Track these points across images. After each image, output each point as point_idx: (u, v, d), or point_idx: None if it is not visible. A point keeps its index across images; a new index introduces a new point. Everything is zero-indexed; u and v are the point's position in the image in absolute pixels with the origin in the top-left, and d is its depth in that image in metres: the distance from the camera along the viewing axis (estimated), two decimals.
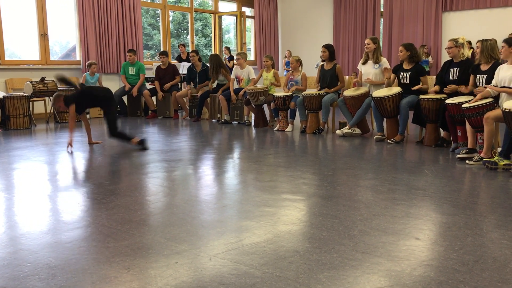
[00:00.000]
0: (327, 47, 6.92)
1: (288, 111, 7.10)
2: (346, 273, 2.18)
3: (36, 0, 8.87)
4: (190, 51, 9.24)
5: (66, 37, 14.89)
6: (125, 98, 9.29)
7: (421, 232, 2.73)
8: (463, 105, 4.79)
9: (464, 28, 10.82)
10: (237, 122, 8.12)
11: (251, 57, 13.65)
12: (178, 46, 11.01)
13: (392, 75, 6.17)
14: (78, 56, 9.69)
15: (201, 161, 4.97)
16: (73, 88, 6.08)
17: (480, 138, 4.76)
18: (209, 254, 2.41)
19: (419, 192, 3.59)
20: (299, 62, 7.20)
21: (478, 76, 5.10)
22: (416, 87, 5.79)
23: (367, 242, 2.56)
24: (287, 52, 12.29)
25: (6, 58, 8.57)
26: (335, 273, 2.18)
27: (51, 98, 8.13)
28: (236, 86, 8.17)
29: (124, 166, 4.70)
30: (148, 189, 3.83)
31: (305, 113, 6.88)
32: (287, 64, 11.89)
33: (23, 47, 11.19)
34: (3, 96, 7.36)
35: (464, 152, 4.81)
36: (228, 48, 11.98)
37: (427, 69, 10.61)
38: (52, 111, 8.38)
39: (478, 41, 5.19)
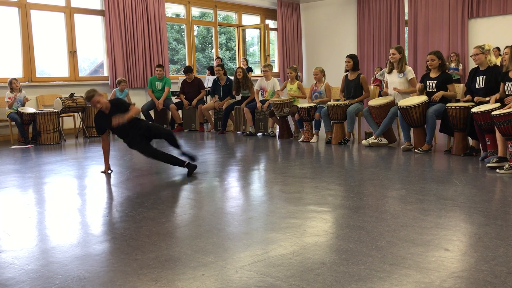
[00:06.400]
0: (351, 57, 6.89)
1: (313, 122, 7.09)
2: (374, 285, 2.15)
3: (65, 18, 9.14)
4: (215, 65, 9.32)
5: (94, 54, 15.22)
6: (151, 112, 9.42)
7: (450, 243, 2.67)
8: (493, 113, 4.69)
9: (492, 34, 10.62)
10: (261, 134, 8.14)
11: (275, 69, 13.70)
12: (216, 59, 11.26)
13: (420, 85, 6.08)
14: (106, 72, 9.91)
15: (226, 173, 5.00)
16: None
17: (510, 146, 4.65)
18: (235, 266, 2.41)
19: (448, 202, 3.52)
20: (323, 73, 7.19)
21: (507, 83, 4.99)
22: (438, 94, 5.69)
23: (395, 253, 2.52)
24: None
25: (37, 76, 8.83)
26: (363, 285, 2.15)
27: (80, 113, 8.38)
28: (260, 97, 8.21)
29: (151, 179, 4.76)
30: (175, 201, 3.87)
31: (330, 124, 6.85)
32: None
33: (53, 65, 11.50)
34: (34, 113, 7.57)
35: (494, 160, 4.70)
36: (246, 60, 12.06)
37: (457, 77, 10.43)
38: (81, 126, 8.54)
39: (506, 47, 5.09)
